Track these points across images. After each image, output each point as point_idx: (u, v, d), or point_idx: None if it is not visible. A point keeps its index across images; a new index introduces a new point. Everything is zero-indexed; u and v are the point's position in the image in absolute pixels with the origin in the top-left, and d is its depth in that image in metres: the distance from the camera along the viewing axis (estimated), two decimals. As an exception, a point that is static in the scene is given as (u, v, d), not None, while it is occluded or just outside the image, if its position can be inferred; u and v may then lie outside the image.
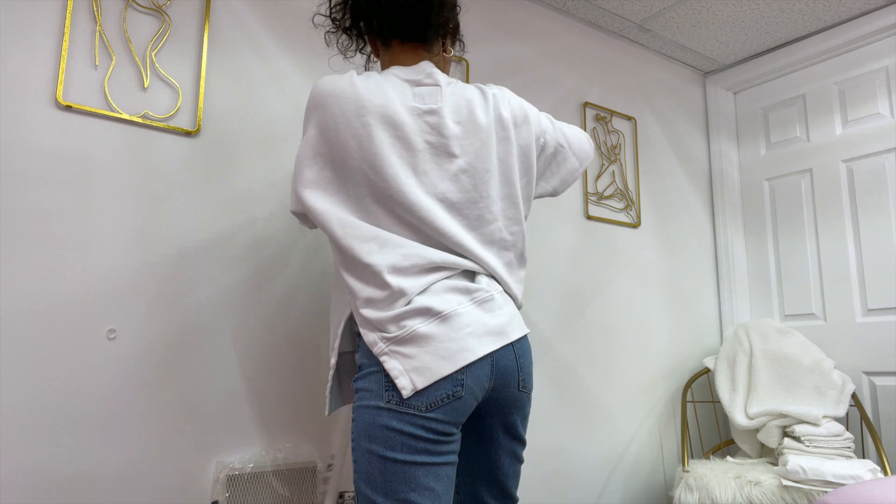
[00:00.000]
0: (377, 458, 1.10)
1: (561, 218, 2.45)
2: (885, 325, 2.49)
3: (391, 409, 1.10)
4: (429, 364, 1.10)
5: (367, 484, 1.10)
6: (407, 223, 1.18)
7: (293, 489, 1.68)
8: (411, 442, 1.09)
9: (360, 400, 1.15)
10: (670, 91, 2.97)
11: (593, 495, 2.39)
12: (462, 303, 1.16)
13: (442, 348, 1.11)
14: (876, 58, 2.62)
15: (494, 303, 1.19)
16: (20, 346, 1.44)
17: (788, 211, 2.85)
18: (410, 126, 1.19)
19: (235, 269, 1.73)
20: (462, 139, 1.22)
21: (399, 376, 1.10)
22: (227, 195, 1.74)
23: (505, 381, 1.19)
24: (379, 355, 1.12)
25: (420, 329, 1.12)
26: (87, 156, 1.57)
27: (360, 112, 1.17)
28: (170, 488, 1.58)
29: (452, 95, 1.25)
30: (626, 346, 2.57)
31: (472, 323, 1.14)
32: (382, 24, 1.29)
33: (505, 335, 1.18)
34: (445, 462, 1.12)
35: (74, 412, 1.48)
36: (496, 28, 2.39)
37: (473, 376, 1.13)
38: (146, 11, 1.69)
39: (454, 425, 1.13)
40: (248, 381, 1.72)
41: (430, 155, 1.20)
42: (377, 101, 1.19)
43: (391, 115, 1.18)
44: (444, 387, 1.10)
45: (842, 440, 2.21)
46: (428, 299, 1.14)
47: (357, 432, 1.14)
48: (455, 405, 1.11)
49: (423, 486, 1.09)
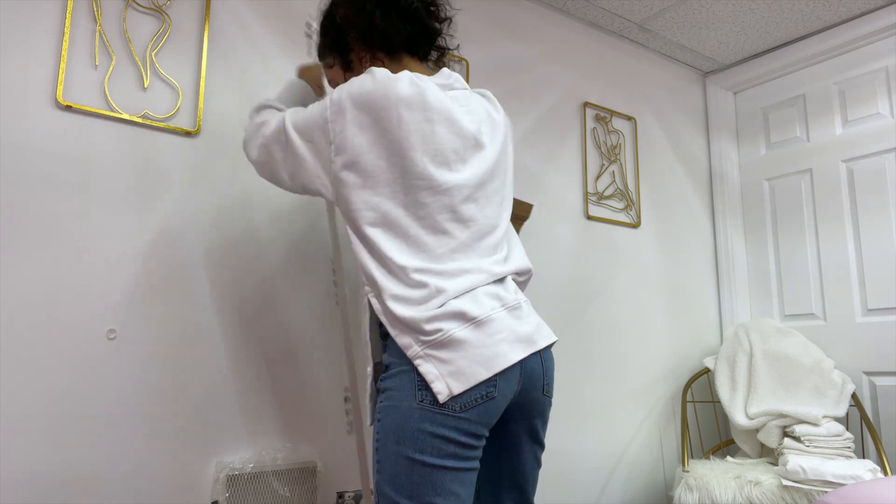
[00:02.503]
0: (405, 460, 1.09)
1: (561, 218, 2.45)
2: (885, 325, 2.49)
3: (424, 409, 1.10)
4: (465, 369, 1.10)
5: (392, 486, 1.10)
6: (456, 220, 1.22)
7: (293, 489, 1.68)
8: (442, 445, 1.09)
9: (388, 400, 1.14)
10: (670, 91, 2.97)
11: (593, 495, 2.38)
12: (495, 308, 1.17)
13: (477, 354, 1.12)
14: (876, 58, 2.62)
15: (522, 310, 1.22)
16: (20, 346, 1.44)
17: (788, 211, 2.85)
18: (461, 124, 1.22)
19: (235, 269, 1.73)
20: (491, 140, 1.29)
21: (435, 380, 1.09)
22: (226, 195, 1.74)
23: (532, 385, 1.21)
24: (413, 358, 1.11)
25: (456, 333, 1.12)
26: (87, 156, 1.57)
27: (425, 107, 1.18)
28: (170, 488, 1.58)
29: (476, 100, 1.32)
30: (626, 346, 2.57)
31: (503, 329, 1.16)
32: (397, 36, 1.31)
33: (533, 343, 1.20)
34: (471, 468, 1.13)
35: (74, 412, 1.48)
36: (496, 28, 2.39)
37: (505, 379, 1.14)
38: (146, 11, 1.69)
39: (485, 426, 1.14)
40: (248, 382, 1.72)
41: (474, 153, 1.24)
42: (433, 100, 1.20)
43: (450, 113, 1.21)
44: (478, 388, 1.11)
45: (842, 440, 2.21)
46: (463, 303, 1.14)
47: (384, 433, 1.12)
48: (488, 406, 1.12)
49: (449, 490, 1.10)
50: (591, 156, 2.60)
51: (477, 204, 1.22)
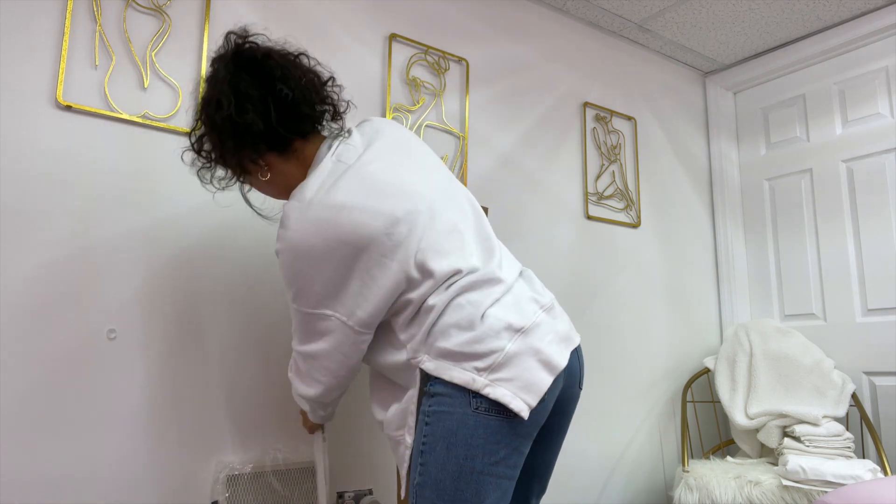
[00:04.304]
0: (454, 465, 1.09)
1: (561, 218, 2.45)
2: (885, 325, 2.49)
3: (479, 415, 1.09)
4: (531, 380, 1.11)
5: (435, 491, 1.10)
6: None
7: (293, 489, 1.68)
8: (495, 450, 1.10)
9: (439, 405, 1.13)
10: (670, 91, 2.97)
11: (593, 495, 2.38)
12: (536, 312, 1.19)
13: (536, 363, 1.13)
14: (876, 58, 2.62)
15: (556, 309, 1.26)
16: (20, 346, 1.44)
17: (788, 211, 2.84)
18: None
19: (235, 269, 1.73)
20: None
21: (511, 401, 1.09)
22: (226, 195, 1.74)
23: (572, 381, 1.25)
24: (481, 389, 1.09)
25: (510, 348, 1.12)
26: (87, 156, 1.57)
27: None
28: (170, 488, 1.58)
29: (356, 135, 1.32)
30: (626, 346, 2.57)
31: (549, 332, 1.18)
32: (283, 129, 1.22)
33: (571, 340, 1.25)
34: (514, 477, 1.14)
35: (74, 412, 1.48)
36: (496, 28, 2.39)
37: (556, 378, 1.16)
38: (146, 11, 1.69)
39: (537, 427, 1.16)
40: (248, 382, 1.72)
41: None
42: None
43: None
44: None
45: (842, 440, 2.21)
46: (504, 313, 1.15)
47: (434, 437, 1.11)
48: (539, 407, 1.13)
49: (491, 498, 1.10)
50: (591, 156, 2.60)
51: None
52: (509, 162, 2.34)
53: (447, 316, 1.14)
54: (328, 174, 1.20)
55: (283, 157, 1.26)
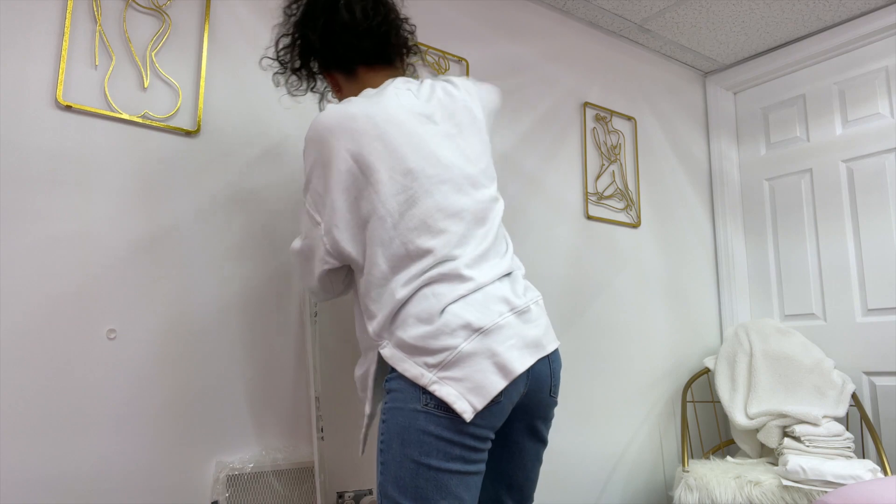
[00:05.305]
0: (410, 462, 1.09)
1: (561, 218, 2.45)
2: (885, 325, 2.49)
3: (428, 412, 1.09)
4: (482, 382, 1.09)
5: (396, 487, 1.10)
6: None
7: (293, 489, 1.68)
8: (448, 448, 1.08)
9: (393, 401, 1.13)
10: (670, 91, 2.97)
11: (593, 495, 2.39)
12: (503, 313, 1.15)
13: (490, 365, 1.10)
14: (876, 58, 2.62)
15: (531, 314, 1.21)
16: (20, 346, 1.44)
17: (788, 211, 2.85)
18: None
19: (235, 269, 1.73)
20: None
21: (456, 401, 1.08)
22: (226, 195, 1.74)
23: (538, 387, 1.20)
24: (428, 385, 1.09)
25: (464, 348, 1.10)
26: (87, 156, 1.57)
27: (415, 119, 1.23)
28: (170, 488, 1.58)
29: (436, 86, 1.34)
30: (626, 346, 2.57)
31: (513, 336, 1.14)
32: (346, 52, 1.33)
33: (541, 347, 1.19)
34: (477, 472, 1.13)
35: (74, 412, 1.48)
36: (496, 28, 2.39)
37: (513, 383, 1.13)
38: (146, 11, 1.69)
39: (491, 430, 1.13)
40: (248, 382, 1.72)
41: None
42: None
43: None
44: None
45: (842, 440, 2.21)
46: (465, 310, 1.13)
47: (389, 434, 1.12)
48: (494, 410, 1.12)
49: (454, 494, 1.09)
50: (591, 156, 2.60)
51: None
52: (509, 162, 2.34)
53: (411, 305, 1.14)
54: (379, 95, 1.26)
55: (349, 79, 1.36)
